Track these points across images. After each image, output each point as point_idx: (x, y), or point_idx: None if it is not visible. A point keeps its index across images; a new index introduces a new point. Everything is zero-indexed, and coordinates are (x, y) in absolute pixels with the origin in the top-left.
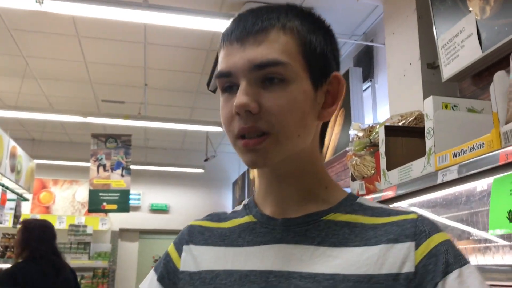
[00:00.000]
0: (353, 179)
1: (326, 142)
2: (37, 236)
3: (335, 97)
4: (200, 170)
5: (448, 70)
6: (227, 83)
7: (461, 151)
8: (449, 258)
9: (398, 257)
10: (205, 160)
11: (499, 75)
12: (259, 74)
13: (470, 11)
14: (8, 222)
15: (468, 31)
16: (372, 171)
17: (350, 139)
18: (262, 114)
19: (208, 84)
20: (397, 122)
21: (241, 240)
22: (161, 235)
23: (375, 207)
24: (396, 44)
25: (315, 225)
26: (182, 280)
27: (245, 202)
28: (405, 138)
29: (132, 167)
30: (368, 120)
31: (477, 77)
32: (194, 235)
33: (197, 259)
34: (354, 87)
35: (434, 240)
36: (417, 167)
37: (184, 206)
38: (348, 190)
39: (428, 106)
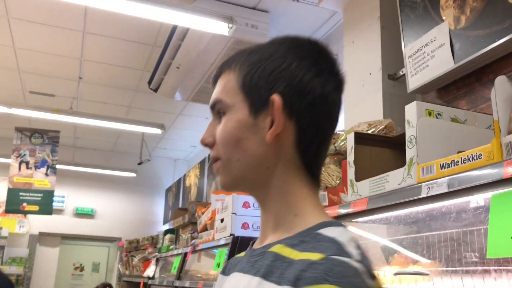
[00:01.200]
0: None
1: None
2: None
3: (276, 119)
4: (132, 174)
5: (414, 80)
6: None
7: (451, 162)
8: None
9: None
10: (139, 164)
11: (500, 80)
12: (214, 111)
13: (443, 20)
14: None
15: (440, 41)
16: (338, 181)
17: None
18: (213, 142)
19: (149, 82)
20: (365, 129)
21: (238, 267)
22: (85, 241)
23: (315, 243)
24: (355, 53)
25: (264, 256)
26: None
27: None
28: (376, 148)
29: (57, 166)
30: None
31: (443, 91)
32: (227, 265)
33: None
34: None
35: None
36: (393, 179)
37: (112, 211)
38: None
39: (410, 112)
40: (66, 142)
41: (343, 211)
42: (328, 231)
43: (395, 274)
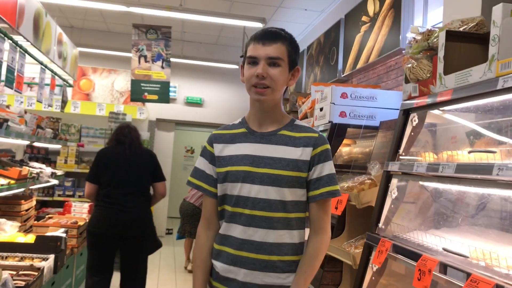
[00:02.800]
0: (407, 82)
1: (370, 43)
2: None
3: (295, 77)
4: (235, 66)
5: None
6: (252, 60)
7: None
8: (322, 157)
9: (306, 153)
10: (241, 56)
11: None
12: (269, 61)
13: None
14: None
15: None
16: (428, 75)
17: (407, 42)
18: (267, 78)
19: None
20: (458, 27)
21: (238, 140)
22: (194, 127)
23: (301, 126)
24: None
25: (275, 136)
26: (217, 160)
27: (240, 120)
28: (465, 44)
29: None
30: (418, 23)
31: None
32: (216, 138)
33: (221, 150)
34: None
35: (320, 148)
36: (476, 73)
37: (218, 100)
38: (399, 93)
39: (496, 13)
40: (175, 36)
41: (431, 100)
42: (300, 122)
43: (469, 152)
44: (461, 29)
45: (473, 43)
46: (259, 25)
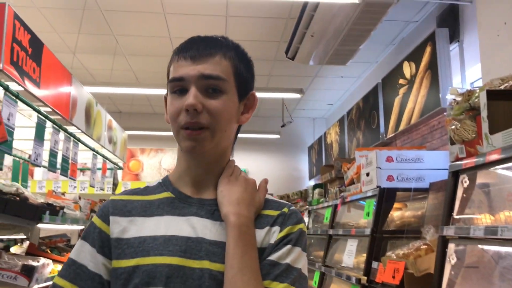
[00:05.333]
0: (452, 143)
1: (411, 105)
2: None
3: (249, 108)
4: (276, 136)
5: None
6: (178, 87)
7: None
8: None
9: (272, 235)
10: (282, 126)
11: None
12: (204, 83)
13: None
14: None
15: None
16: (473, 135)
17: (448, 103)
18: (203, 113)
19: (286, 52)
20: (498, 85)
21: (160, 211)
22: None
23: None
24: (488, 2)
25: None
26: (113, 246)
27: (159, 180)
28: (508, 102)
29: None
30: (456, 81)
31: None
32: (117, 208)
33: (125, 228)
34: (441, 48)
35: (290, 228)
36: None
37: (262, 170)
38: (446, 152)
39: None
40: None
41: (480, 160)
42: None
43: None
44: (501, 87)
45: None
46: (297, 96)
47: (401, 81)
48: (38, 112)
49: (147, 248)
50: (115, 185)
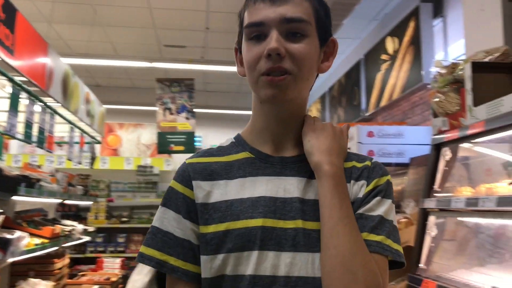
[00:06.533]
0: (435, 116)
1: (392, 81)
2: None
3: (330, 56)
4: None
5: None
6: (256, 32)
7: None
8: (381, 193)
9: (359, 189)
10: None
11: None
12: (286, 27)
13: None
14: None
15: None
16: (457, 108)
17: (432, 76)
18: (286, 58)
19: None
20: (482, 58)
21: (242, 172)
22: None
23: None
24: None
25: (306, 163)
26: (200, 211)
27: (232, 140)
28: (492, 74)
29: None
30: (439, 57)
31: None
32: (197, 171)
33: (209, 192)
34: (425, 23)
35: (378, 180)
36: (508, 102)
37: None
38: (427, 128)
39: None
40: (198, 88)
41: (463, 133)
42: None
43: (510, 183)
44: (486, 59)
45: (500, 73)
46: None
47: (383, 56)
48: (13, 81)
49: (236, 212)
50: (93, 159)
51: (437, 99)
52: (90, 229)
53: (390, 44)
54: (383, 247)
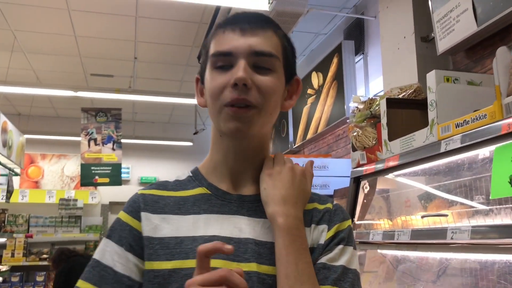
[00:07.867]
0: (354, 150)
1: (318, 115)
2: None
3: (293, 94)
4: (189, 143)
5: (443, 43)
6: (223, 61)
7: (463, 122)
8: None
9: (320, 234)
10: (195, 133)
11: (501, 51)
12: (255, 59)
13: None
14: None
15: (464, 6)
16: (374, 142)
17: (351, 111)
18: (253, 90)
19: (199, 57)
20: (397, 94)
21: (196, 209)
22: None
23: None
24: (390, 18)
25: (260, 204)
26: (146, 246)
27: (189, 174)
28: (406, 110)
29: (121, 141)
30: (360, 92)
31: (471, 51)
32: (148, 203)
33: (157, 226)
34: (347, 60)
35: (339, 226)
36: (419, 137)
37: (173, 178)
38: (349, 160)
39: (431, 79)
40: (126, 118)
41: (379, 166)
42: None
43: (422, 216)
44: (400, 96)
45: (413, 109)
46: None
47: (309, 91)
48: None
49: (186, 250)
50: (9, 192)
51: (355, 133)
52: (4, 268)
53: (315, 79)
54: None
